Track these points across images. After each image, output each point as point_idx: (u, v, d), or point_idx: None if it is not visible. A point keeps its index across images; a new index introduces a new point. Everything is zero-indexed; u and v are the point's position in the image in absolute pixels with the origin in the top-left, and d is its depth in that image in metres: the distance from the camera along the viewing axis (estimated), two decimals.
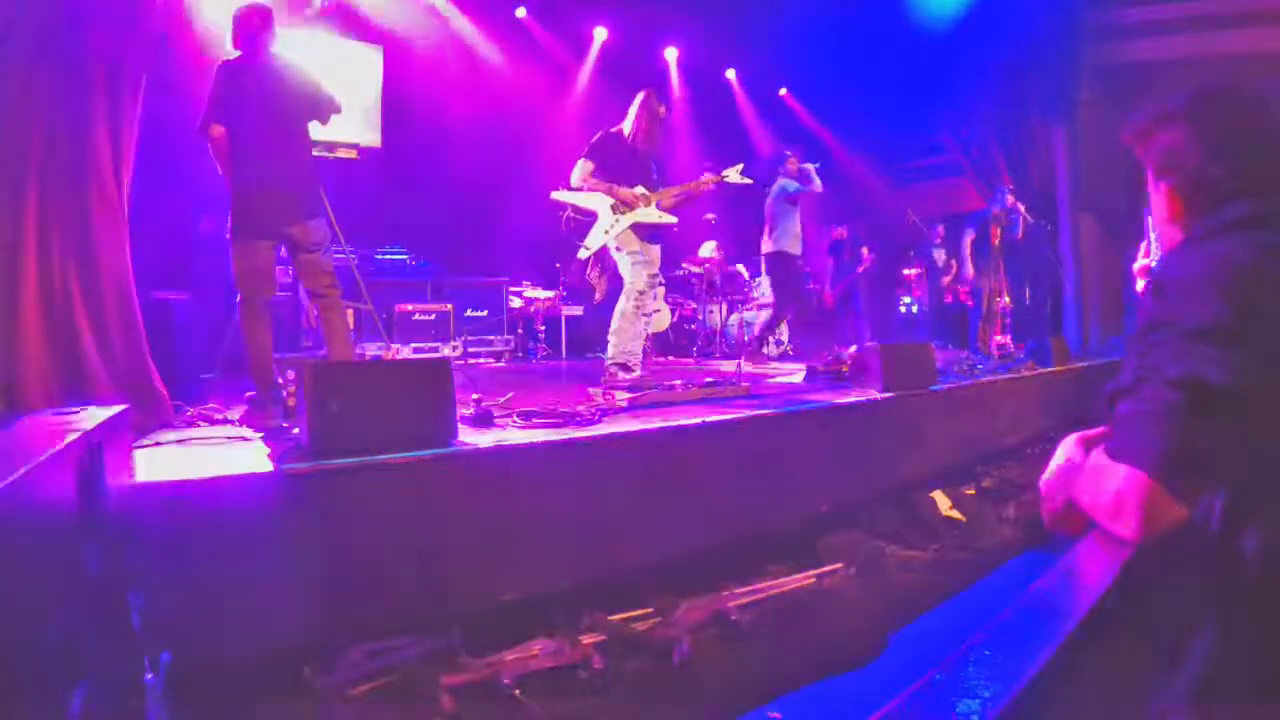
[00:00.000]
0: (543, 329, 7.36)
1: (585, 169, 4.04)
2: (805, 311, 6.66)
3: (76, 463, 1.43)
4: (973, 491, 3.90)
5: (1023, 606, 0.95)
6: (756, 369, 5.57)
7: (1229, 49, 7.25)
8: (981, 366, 5.51)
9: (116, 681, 1.52)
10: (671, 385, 3.79)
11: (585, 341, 7.64)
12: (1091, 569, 0.96)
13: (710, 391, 3.77)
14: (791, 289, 6.25)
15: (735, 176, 4.22)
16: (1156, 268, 0.96)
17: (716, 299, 7.87)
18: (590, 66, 8.65)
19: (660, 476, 2.75)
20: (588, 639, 2.22)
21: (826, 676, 2.18)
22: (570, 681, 2.08)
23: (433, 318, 6.31)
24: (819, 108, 9.90)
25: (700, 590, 2.56)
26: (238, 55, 3.19)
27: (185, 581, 1.85)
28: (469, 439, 2.47)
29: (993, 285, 7.19)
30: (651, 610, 2.42)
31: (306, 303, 5.09)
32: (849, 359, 4.38)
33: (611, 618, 2.34)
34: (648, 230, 4.05)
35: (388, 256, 6.59)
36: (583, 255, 4.10)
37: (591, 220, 4.05)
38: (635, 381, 3.77)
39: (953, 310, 8.45)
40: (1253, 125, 0.98)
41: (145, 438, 2.58)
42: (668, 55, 9.28)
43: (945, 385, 4.32)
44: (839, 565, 2.90)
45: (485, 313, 6.88)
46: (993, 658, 0.82)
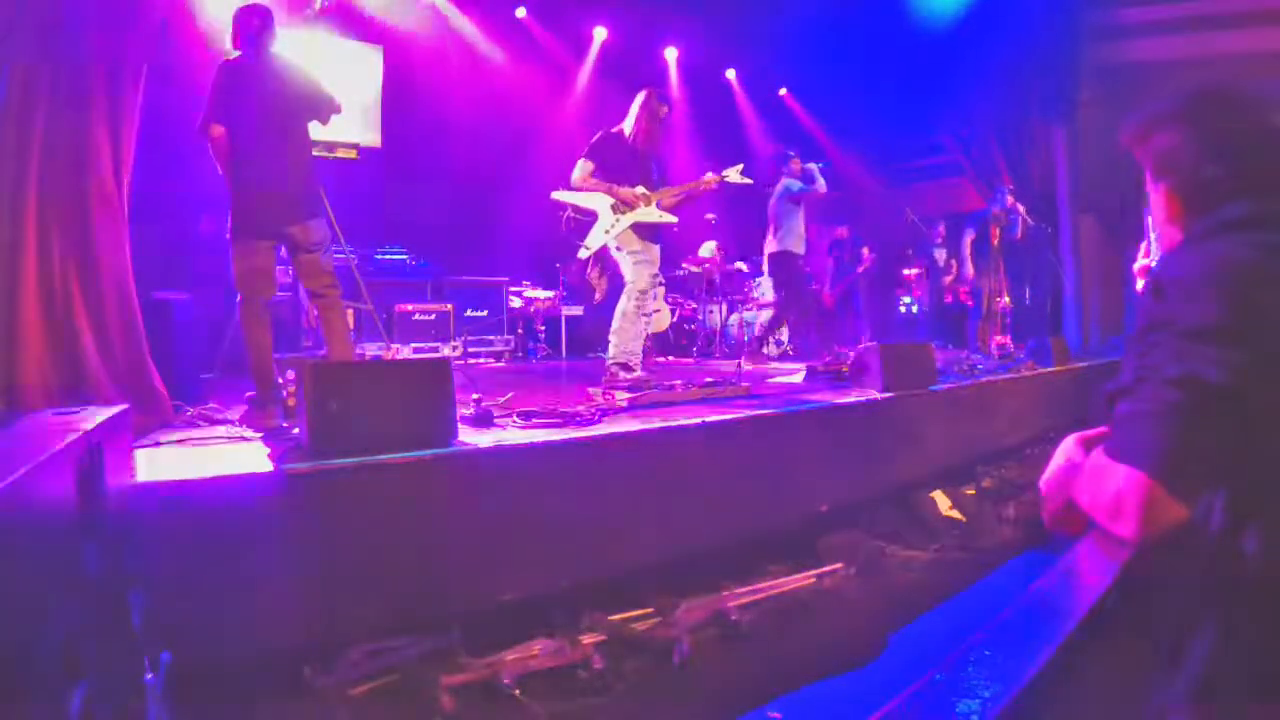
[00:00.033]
0: (543, 329, 7.36)
1: (585, 169, 4.04)
2: (807, 311, 6.66)
3: (76, 463, 1.43)
4: (973, 491, 3.90)
5: (1023, 606, 0.95)
6: (756, 369, 5.57)
7: (1229, 49, 7.25)
8: (981, 366, 5.51)
9: (116, 681, 1.52)
10: (671, 385, 3.79)
11: (585, 341, 7.64)
12: (1091, 569, 0.96)
13: (710, 391, 3.77)
14: (795, 289, 6.25)
15: (735, 176, 4.22)
16: (1155, 268, 0.96)
17: (716, 299, 7.88)
18: (590, 66, 8.65)
19: (660, 476, 2.75)
20: (588, 639, 2.23)
21: (826, 676, 2.18)
22: (570, 681, 2.08)
23: (433, 318, 6.31)
24: (819, 108, 9.89)
25: (700, 590, 2.56)
26: (238, 55, 3.19)
27: (185, 581, 1.85)
28: (469, 439, 2.47)
29: (992, 285, 7.20)
30: (651, 610, 2.42)
31: (306, 303, 5.09)
32: (849, 359, 4.38)
33: (611, 618, 2.34)
34: (648, 230, 4.05)
35: (388, 256, 6.59)
36: (583, 255, 4.10)
37: (592, 220, 4.04)
38: (636, 381, 3.77)
39: (953, 310, 8.44)
40: (1250, 125, 0.98)
41: (145, 438, 2.58)
42: (668, 55, 9.28)
43: (945, 385, 4.32)
44: (839, 565, 2.91)
45: (485, 313, 6.87)
46: (993, 658, 0.82)
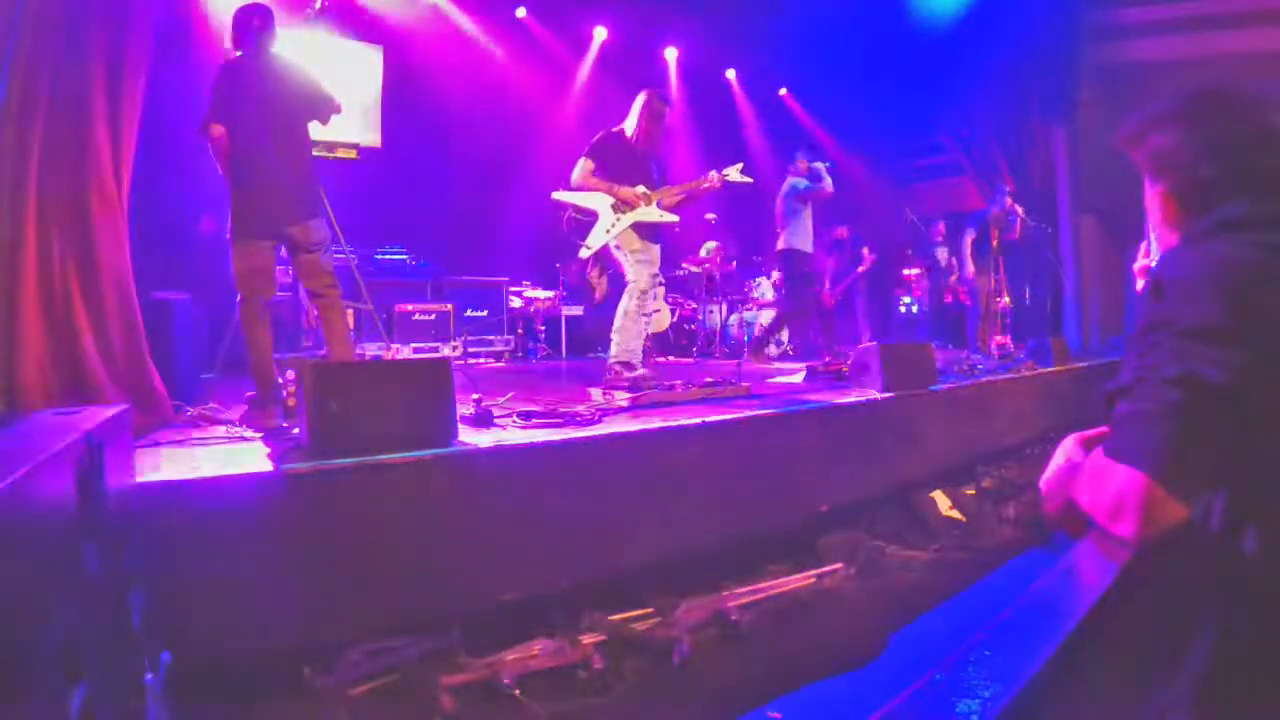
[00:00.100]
0: (543, 329, 7.36)
1: (586, 168, 4.04)
2: (807, 311, 6.66)
3: (76, 463, 1.43)
4: (973, 491, 3.90)
5: (1023, 606, 0.95)
6: (757, 369, 5.57)
7: (1229, 49, 7.26)
8: (981, 366, 5.51)
9: (116, 681, 1.52)
10: (671, 385, 3.79)
11: (585, 341, 7.64)
12: (1091, 569, 0.95)
13: (710, 391, 3.77)
14: (801, 286, 6.25)
15: (736, 175, 4.22)
16: (1154, 268, 0.96)
17: (716, 299, 7.88)
18: (590, 66, 8.65)
19: (660, 476, 2.75)
20: (588, 639, 2.23)
21: (826, 676, 2.18)
22: (570, 681, 2.08)
23: (433, 318, 6.31)
24: (819, 108, 9.90)
25: (700, 590, 2.56)
26: (238, 55, 3.19)
27: (185, 581, 1.85)
28: (469, 439, 2.48)
29: (992, 285, 7.20)
30: (651, 610, 2.42)
31: (306, 303, 5.09)
32: (849, 359, 4.38)
33: (611, 618, 2.34)
34: (649, 230, 4.05)
35: (388, 256, 6.59)
36: (584, 255, 4.10)
37: (592, 220, 4.05)
38: (637, 379, 3.77)
39: (953, 310, 8.45)
40: (1246, 125, 0.98)
41: (145, 438, 2.58)
42: (668, 55, 9.28)
43: (945, 385, 4.32)
44: (839, 565, 2.91)
45: (485, 313, 6.87)
46: (993, 658, 0.82)
